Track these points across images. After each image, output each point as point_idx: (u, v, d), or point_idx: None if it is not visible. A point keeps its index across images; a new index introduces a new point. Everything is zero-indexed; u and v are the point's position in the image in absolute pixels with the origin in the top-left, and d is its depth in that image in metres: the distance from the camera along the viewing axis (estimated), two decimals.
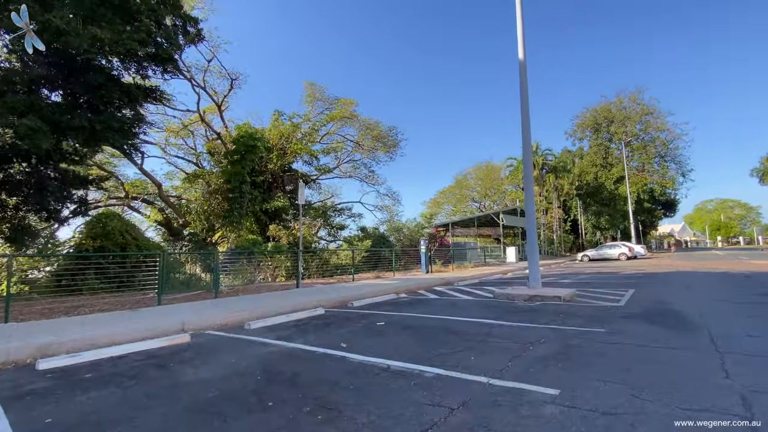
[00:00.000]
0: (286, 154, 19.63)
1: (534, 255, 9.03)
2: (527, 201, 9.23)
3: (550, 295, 8.21)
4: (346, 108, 22.09)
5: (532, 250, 9.05)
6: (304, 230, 17.96)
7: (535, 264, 8.98)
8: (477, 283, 13.64)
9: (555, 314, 6.61)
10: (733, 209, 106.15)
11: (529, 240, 9.08)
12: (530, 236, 9.08)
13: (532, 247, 9.05)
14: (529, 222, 9.12)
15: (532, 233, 9.03)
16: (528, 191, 9.21)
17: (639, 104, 42.85)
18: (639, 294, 8.80)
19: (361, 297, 10.02)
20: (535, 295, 8.30)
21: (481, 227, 36.18)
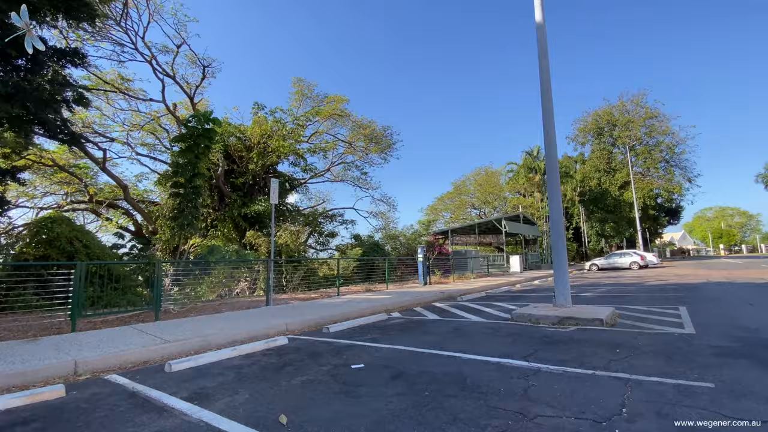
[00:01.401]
0: (267, 153, 17.71)
1: (561, 264, 7.08)
2: (552, 200, 7.32)
3: (587, 317, 6.22)
4: (337, 105, 20.29)
5: (559, 258, 7.09)
6: (288, 238, 15.98)
7: (564, 276, 7.02)
8: (483, 297, 11.63)
9: (608, 349, 4.62)
10: (733, 217, 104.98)
11: (555, 246, 7.12)
12: (556, 242, 7.13)
13: (559, 256, 7.09)
14: (555, 226, 7.19)
15: (560, 238, 7.09)
16: (553, 188, 7.31)
17: (643, 107, 41.44)
18: (698, 314, 6.83)
19: (343, 318, 8.00)
20: (568, 317, 6.31)
21: (482, 234, 34.25)
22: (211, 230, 17.62)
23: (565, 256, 7.13)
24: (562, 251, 7.11)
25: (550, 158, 7.54)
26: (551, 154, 7.52)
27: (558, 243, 7.11)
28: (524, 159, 41.69)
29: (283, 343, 5.86)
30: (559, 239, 7.11)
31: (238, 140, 18.42)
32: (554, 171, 7.37)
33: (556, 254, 7.12)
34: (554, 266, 7.17)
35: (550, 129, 7.55)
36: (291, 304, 10.27)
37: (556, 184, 7.33)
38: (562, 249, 7.11)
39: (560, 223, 7.13)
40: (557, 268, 7.10)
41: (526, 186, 40.97)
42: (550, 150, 7.50)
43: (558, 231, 7.11)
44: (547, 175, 7.63)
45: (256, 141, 17.90)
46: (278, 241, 16.15)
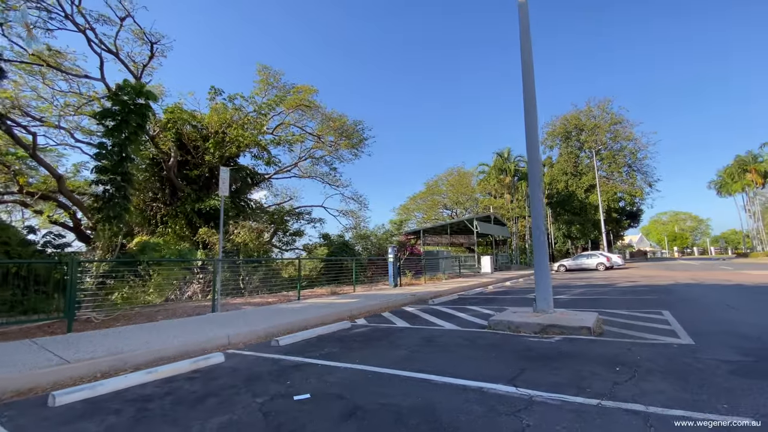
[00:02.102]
0: (226, 144, 16.26)
1: (543, 267, 6.39)
2: (534, 198, 6.62)
3: (572, 324, 5.54)
4: (305, 95, 19.07)
5: (540, 260, 6.40)
6: (246, 236, 14.65)
7: (545, 279, 6.34)
8: (456, 300, 10.90)
9: (607, 366, 3.89)
10: (686, 221, 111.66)
11: (537, 247, 6.43)
12: (537, 240, 6.43)
13: (541, 257, 6.40)
14: (536, 225, 6.47)
15: (540, 235, 6.40)
16: (534, 186, 6.61)
17: (608, 113, 42.80)
18: (685, 319, 6.33)
19: (300, 327, 6.96)
20: (551, 324, 5.60)
21: (454, 235, 33.95)
22: (161, 227, 15.96)
23: (546, 257, 6.46)
24: (543, 252, 6.42)
25: (531, 150, 6.86)
26: (533, 143, 6.83)
27: (539, 243, 6.41)
28: (495, 160, 41.96)
29: (218, 362, 4.77)
30: (540, 236, 6.42)
31: (193, 129, 16.84)
32: (536, 166, 6.70)
33: (538, 255, 6.42)
34: (535, 268, 6.47)
35: (532, 119, 6.87)
36: (243, 309, 9.09)
37: (538, 181, 6.64)
38: (543, 250, 6.42)
39: (541, 223, 6.45)
40: (539, 270, 6.40)
41: (496, 187, 41.23)
42: (532, 139, 6.81)
43: (539, 230, 6.42)
44: (529, 173, 6.94)
45: (213, 130, 16.41)
46: (235, 240, 14.79)
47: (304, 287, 15.66)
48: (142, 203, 16.87)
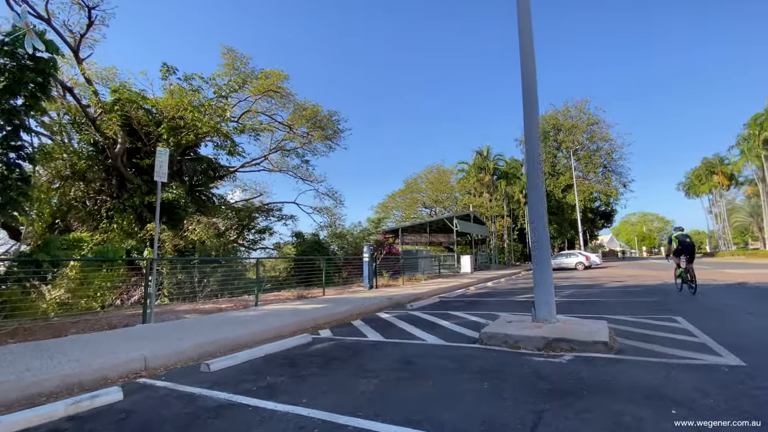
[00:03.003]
0: (181, 130, 14.52)
1: (544, 267, 5.28)
2: (533, 187, 5.50)
3: (583, 338, 4.44)
4: (274, 80, 17.50)
5: (541, 258, 5.28)
6: (203, 233, 13.02)
7: (547, 281, 5.24)
8: (437, 304, 9.75)
9: (653, 406, 2.77)
10: (653, 222, 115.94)
11: (538, 243, 5.31)
12: (538, 233, 5.32)
13: (542, 255, 5.29)
14: (537, 217, 5.37)
15: (541, 227, 5.29)
16: (534, 173, 5.51)
17: (585, 114, 43.05)
18: (709, 328, 5.37)
19: (246, 343, 5.60)
20: (558, 338, 4.49)
21: (433, 234, 33.02)
22: (105, 222, 14.06)
23: (548, 254, 5.36)
24: (544, 248, 5.32)
25: (529, 119, 5.73)
26: (530, 106, 5.69)
27: (540, 236, 5.30)
28: (474, 158, 41.40)
29: (111, 401, 3.37)
30: (541, 232, 5.31)
31: (146, 113, 14.99)
32: (534, 150, 5.59)
33: (539, 253, 5.31)
34: (535, 268, 5.36)
35: (532, 95, 5.76)
36: (185, 319, 7.59)
37: (537, 160, 5.54)
38: (544, 245, 5.32)
39: (543, 210, 5.34)
40: (539, 270, 5.28)
41: (476, 186, 40.67)
42: (530, 105, 5.69)
43: (540, 219, 5.31)
44: (527, 158, 5.81)
45: (169, 115, 14.64)
46: (190, 237, 13.13)
47: (269, 290, 14.17)
48: (85, 195, 14.90)
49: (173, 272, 13.26)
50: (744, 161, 41.26)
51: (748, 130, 38.09)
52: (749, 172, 50.44)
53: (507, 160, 41.98)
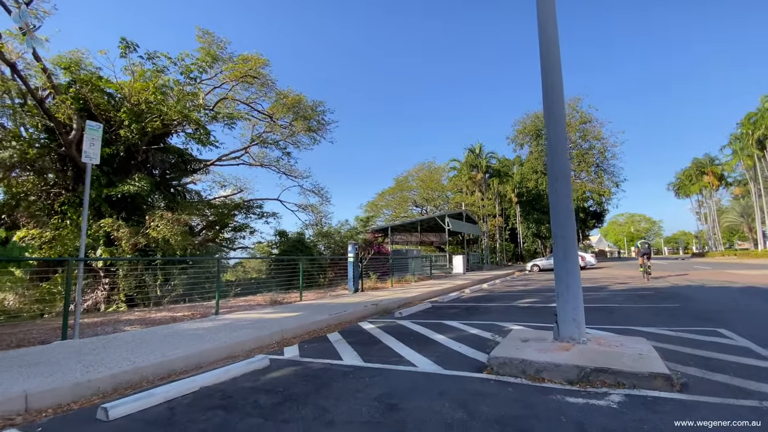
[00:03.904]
0: (144, 116, 13.02)
1: (571, 267, 4.06)
2: (554, 153, 4.24)
3: (632, 369, 3.24)
4: (253, 65, 16.07)
5: (567, 257, 4.06)
6: (167, 230, 11.56)
7: (575, 286, 4.03)
8: (430, 311, 8.50)
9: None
10: (641, 223, 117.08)
11: (562, 236, 4.08)
12: (563, 228, 4.09)
13: (569, 252, 4.06)
14: (559, 199, 4.13)
15: (565, 211, 4.07)
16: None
17: (578, 112, 42.36)
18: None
19: (181, 368, 4.29)
20: (596, 368, 3.27)
21: (424, 233, 31.86)
22: (57, 218, 12.48)
23: (575, 249, 4.14)
24: (570, 241, 4.09)
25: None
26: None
27: (565, 225, 4.08)
28: (467, 156, 40.40)
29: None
30: (566, 219, 4.10)
31: (106, 97, 13.45)
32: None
33: (563, 246, 4.09)
34: (558, 268, 4.14)
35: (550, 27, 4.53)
36: (122, 332, 6.20)
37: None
38: (569, 237, 4.09)
39: (567, 192, 4.13)
40: (564, 271, 4.06)
41: (468, 184, 39.66)
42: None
43: (563, 203, 4.10)
44: (545, 100, 4.48)
45: (133, 99, 13.12)
46: (151, 234, 11.65)
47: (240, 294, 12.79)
48: (36, 187, 13.29)
49: (133, 274, 11.79)
50: (736, 161, 41.09)
51: (741, 130, 37.88)
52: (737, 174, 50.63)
53: (499, 158, 41.10)
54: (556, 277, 4.14)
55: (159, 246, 11.87)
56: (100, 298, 11.93)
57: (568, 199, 4.12)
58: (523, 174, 44.40)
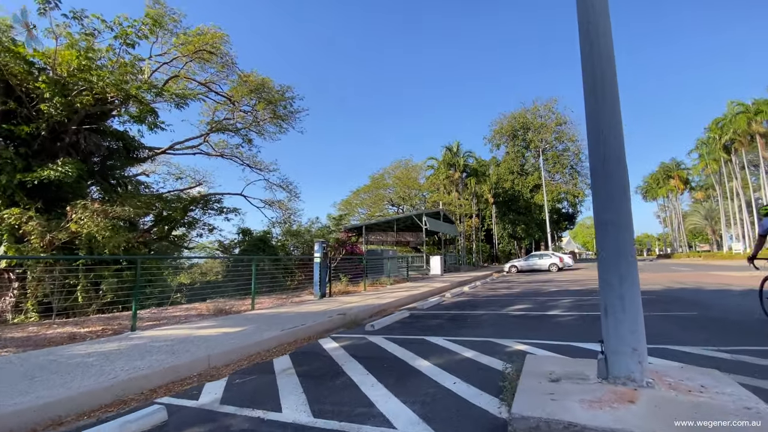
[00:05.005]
0: (71, 87, 10.89)
1: (628, 272, 2.67)
2: (605, 111, 2.86)
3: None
4: (210, 39, 14.15)
5: (623, 247, 2.67)
6: (92, 224, 9.55)
7: (634, 303, 2.63)
8: (408, 322, 7.05)
9: None
10: None
11: (615, 225, 2.68)
12: (615, 209, 2.71)
13: (623, 239, 2.68)
14: (603, 158, 2.73)
15: (621, 193, 2.70)
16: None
17: (554, 113, 42.48)
18: None
19: (32, 426, 2.56)
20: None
21: (401, 232, 30.51)
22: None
23: (632, 247, 2.77)
24: (626, 236, 2.72)
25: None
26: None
27: (620, 213, 2.71)
28: (444, 154, 39.53)
29: None
30: (621, 205, 2.73)
31: (25, 65, 11.20)
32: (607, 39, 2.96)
33: (617, 242, 2.71)
34: (606, 272, 2.74)
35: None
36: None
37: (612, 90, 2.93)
38: (626, 231, 2.72)
39: (618, 156, 2.77)
40: (617, 277, 2.67)
41: (445, 183, 38.76)
42: None
43: (619, 182, 2.73)
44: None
45: (58, 69, 10.95)
46: (72, 228, 9.59)
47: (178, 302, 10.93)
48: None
49: (50, 277, 9.67)
50: (703, 165, 42.33)
51: (708, 134, 39.01)
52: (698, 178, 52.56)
53: (477, 158, 40.47)
54: (603, 283, 2.76)
55: (82, 243, 9.82)
56: (7, 307, 9.75)
57: (621, 167, 2.76)
58: (500, 174, 44.05)
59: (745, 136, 34.19)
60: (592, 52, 2.91)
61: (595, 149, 2.85)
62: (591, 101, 2.90)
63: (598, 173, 2.83)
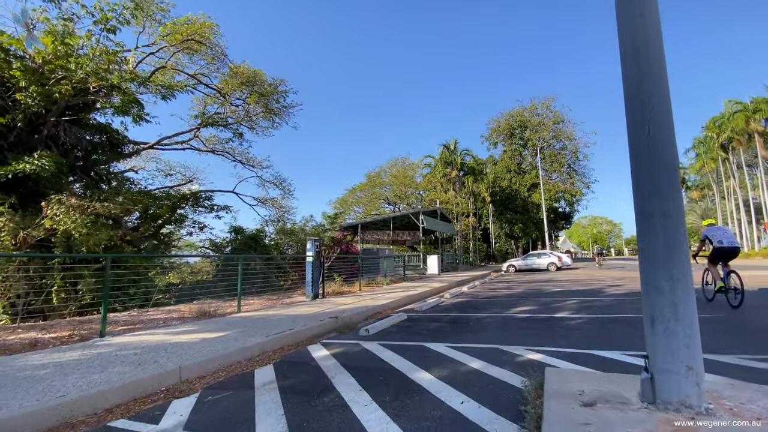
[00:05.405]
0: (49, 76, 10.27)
1: (680, 273, 2.15)
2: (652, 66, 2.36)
3: None
4: (198, 28, 13.54)
5: (673, 245, 2.17)
6: (69, 221, 8.94)
7: (688, 313, 2.13)
8: (406, 326, 6.53)
9: None
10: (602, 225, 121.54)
11: (661, 209, 2.20)
12: (665, 195, 2.18)
13: (674, 241, 2.18)
14: (645, 135, 2.23)
15: (670, 177, 2.19)
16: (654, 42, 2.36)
17: (551, 111, 42.10)
18: None
19: None
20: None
21: (397, 231, 30.00)
22: None
23: (685, 242, 2.27)
24: (677, 229, 2.22)
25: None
26: None
27: (670, 201, 2.21)
28: (441, 152, 39.07)
29: None
30: (672, 192, 2.23)
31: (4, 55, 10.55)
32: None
33: (666, 236, 2.21)
34: (653, 272, 2.24)
35: None
36: None
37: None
38: (677, 222, 2.22)
39: (673, 148, 2.26)
40: (667, 280, 2.18)
41: (442, 181, 38.30)
42: None
43: (668, 164, 2.22)
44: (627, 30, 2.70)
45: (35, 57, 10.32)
46: (47, 225, 8.98)
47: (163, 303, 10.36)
48: None
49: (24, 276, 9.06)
50: (700, 164, 42.14)
51: (705, 133, 38.84)
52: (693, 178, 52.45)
53: (474, 156, 40.04)
54: (649, 287, 2.26)
55: (59, 241, 9.21)
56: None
57: (671, 145, 2.26)
58: (497, 173, 43.62)
59: (743, 134, 34.03)
60: (632, 6, 2.40)
61: (638, 124, 2.35)
62: (631, 67, 2.40)
63: (641, 154, 2.32)
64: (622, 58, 2.46)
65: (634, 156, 2.39)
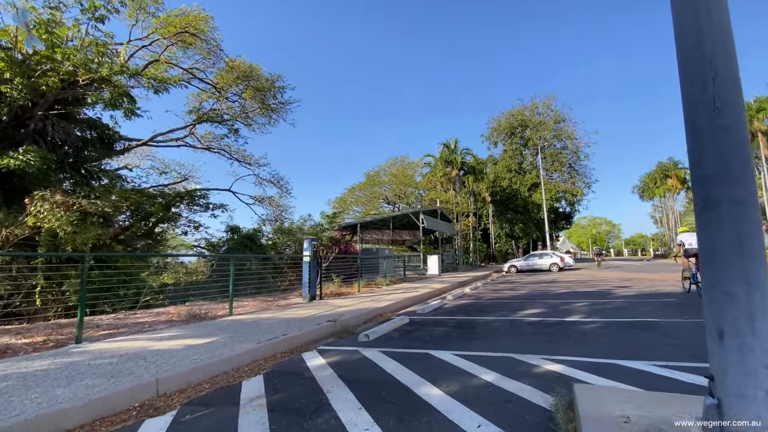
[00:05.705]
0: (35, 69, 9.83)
1: (756, 275, 1.74)
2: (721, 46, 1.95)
3: None
4: (192, 20, 13.11)
5: (746, 242, 1.78)
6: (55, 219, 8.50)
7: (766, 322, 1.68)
8: (408, 331, 6.12)
9: None
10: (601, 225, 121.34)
11: (732, 197, 1.80)
12: (735, 180, 1.77)
13: (748, 236, 1.79)
14: (708, 106, 1.81)
15: (743, 160, 1.77)
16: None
17: (552, 110, 41.74)
18: None
19: None
20: None
21: (397, 230, 29.57)
22: None
23: (762, 237, 1.87)
24: (752, 221, 1.81)
25: None
26: None
27: (742, 187, 1.81)
28: (441, 151, 38.68)
29: None
30: (743, 176, 1.82)
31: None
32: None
33: (738, 230, 1.81)
34: (722, 274, 1.83)
35: None
36: None
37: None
38: (752, 212, 1.82)
39: (743, 121, 1.86)
40: (742, 283, 1.79)
41: (442, 181, 37.90)
42: None
43: (740, 145, 1.81)
44: None
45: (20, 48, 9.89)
46: (30, 222, 8.54)
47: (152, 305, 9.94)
48: None
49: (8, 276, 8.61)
50: None
51: None
52: None
53: (474, 155, 39.65)
54: (717, 292, 1.84)
55: (43, 239, 8.77)
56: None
57: (741, 117, 1.85)
58: (497, 173, 43.23)
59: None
60: None
61: (696, 93, 1.93)
62: (688, 20, 1.98)
63: (701, 130, 1.91)
64: (674, 13, 2.05)
65: (691, 135, 1.98)
